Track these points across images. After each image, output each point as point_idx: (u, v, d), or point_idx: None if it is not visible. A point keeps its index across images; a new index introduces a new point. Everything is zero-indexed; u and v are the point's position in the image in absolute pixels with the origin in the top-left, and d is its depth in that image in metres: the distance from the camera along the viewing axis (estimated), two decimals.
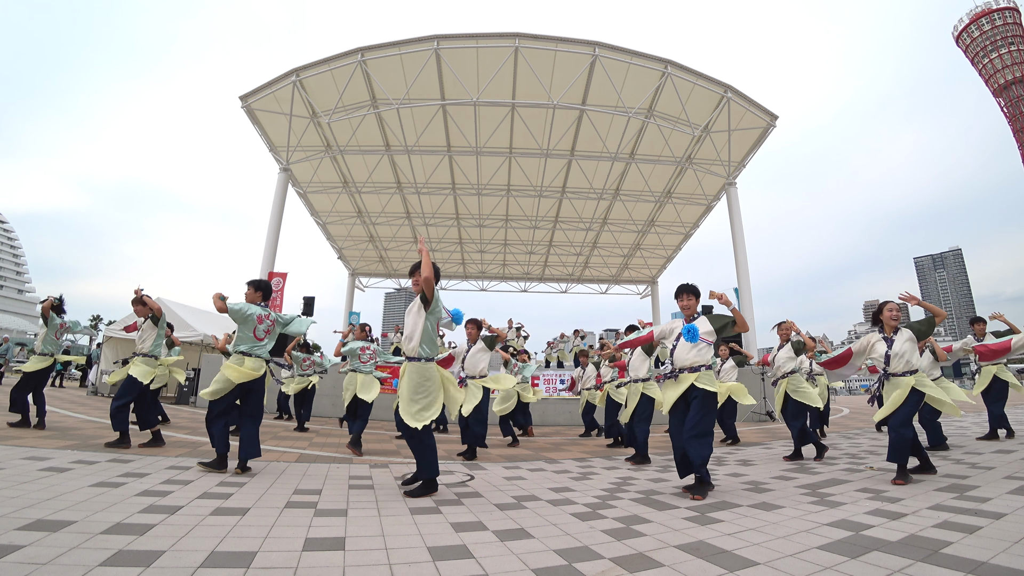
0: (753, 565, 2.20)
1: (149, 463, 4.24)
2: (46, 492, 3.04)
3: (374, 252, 22.22)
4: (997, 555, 2.26)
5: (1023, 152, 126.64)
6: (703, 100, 13.40)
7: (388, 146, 15.30)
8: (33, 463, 3.89)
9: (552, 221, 19.34)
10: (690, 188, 16.85)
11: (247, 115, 13.87)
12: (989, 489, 3.66)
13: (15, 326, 68.72)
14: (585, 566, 2.18)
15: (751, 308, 13.83)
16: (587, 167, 16.01)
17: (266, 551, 2.25)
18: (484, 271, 23.89)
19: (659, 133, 14.26)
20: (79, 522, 2.50)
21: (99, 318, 62.83)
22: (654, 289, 23.51)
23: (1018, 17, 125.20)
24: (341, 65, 12.50)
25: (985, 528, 2.69)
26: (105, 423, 6.99)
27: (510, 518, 2.99)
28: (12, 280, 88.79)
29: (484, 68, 12.46)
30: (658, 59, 12.52)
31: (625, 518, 3.03)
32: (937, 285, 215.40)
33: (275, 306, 13.01)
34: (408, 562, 2.18)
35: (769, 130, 13.96)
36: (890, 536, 2.59)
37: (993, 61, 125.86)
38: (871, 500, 3.44)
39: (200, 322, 14.63)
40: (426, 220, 19.31)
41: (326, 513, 2.95)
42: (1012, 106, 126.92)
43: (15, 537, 2.23)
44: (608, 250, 21.51)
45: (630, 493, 3.81)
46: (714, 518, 3.02)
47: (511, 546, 2.45)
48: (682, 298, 3.99)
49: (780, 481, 4.30)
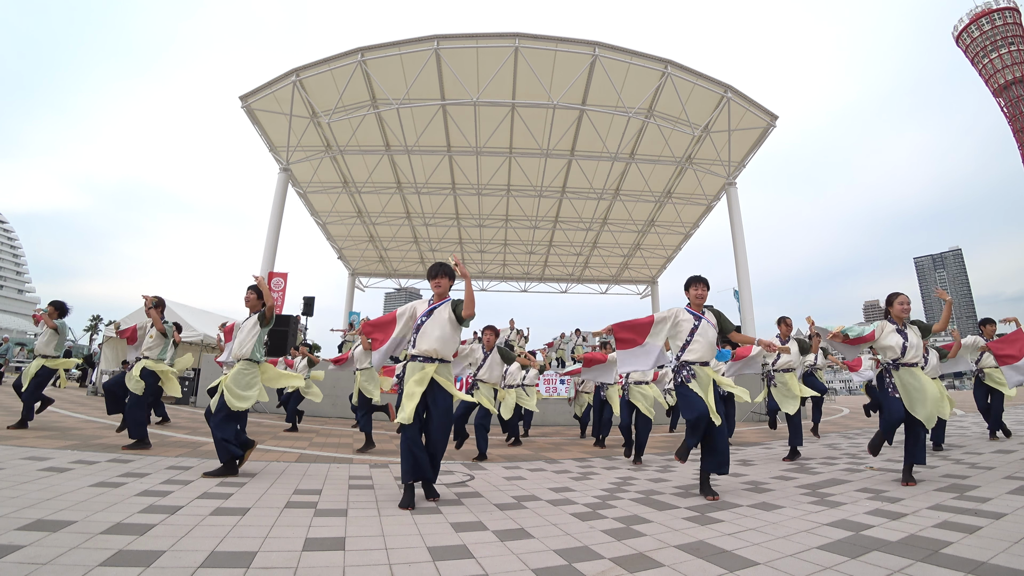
0: (753, 565, 2.20)
1: (149, 463, 4.24)
2: (46, 492, 3.04)
3: (374, 252, 22.22)
4: (997, 555, 2.26)
5: (1023, 152, 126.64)
6: (703, 100, 13.40)
7: (388, 146, 15.30)
8: (33, 463, 3.89)
9: (552, 221, 19.35)
10: (690, 188, 16.85)
11: (247, 115, 13.86)
12: (989, 489, 3.66)
13: (15, 326, 68.74)
14: (585, 566, 2.18)
15: (751, 308, 13.83)
16: (587, 167, 16.01)
17: (266, 551, 2.25)
18: (484, 271, 23.88)
19: (659, 133, 14.26)
20: (79, 522, 2.50)
21: (99, 318, 62.80)
22: (654, 289, 23.51)
23: (1018, 17, 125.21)
24: (341, 65, 12.50)
25: (985, 528, 2.69)
26: (105, 423, 7.00)
27: (510, 518, 2.99)
28: (12, 280, 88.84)
29: (484, 68, 12.46)
30: (658, 59, 12.52)
31: (625, 518, 3.03)
32: (937, 285, 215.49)
33: (277, 306, 13.01)
34: (408, 562, 2.18)
35: (769, 130, 13.96)
36: (890, 536, 2.59)
37: (993, 61, 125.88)
38: (871, 500, 3.44)
39: (200, 322, 14.64)
40: (426, 220, 19.31)
41: (326, 513, 2.95)
42: (1012, 106, 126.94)
43: (15, 537, 2.23)
44: (608, 250, 21.51)
45: (630, 493, 3.81)
46: (714, 518, 3.02)
47: (511, 546, 2.45)
48: (698, 287, 3.96)
49: (780, 481, 4.30)
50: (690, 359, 3.87)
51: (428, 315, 3.57)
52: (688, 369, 3.86)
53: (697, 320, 3.91)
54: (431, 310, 3.59)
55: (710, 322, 3.93)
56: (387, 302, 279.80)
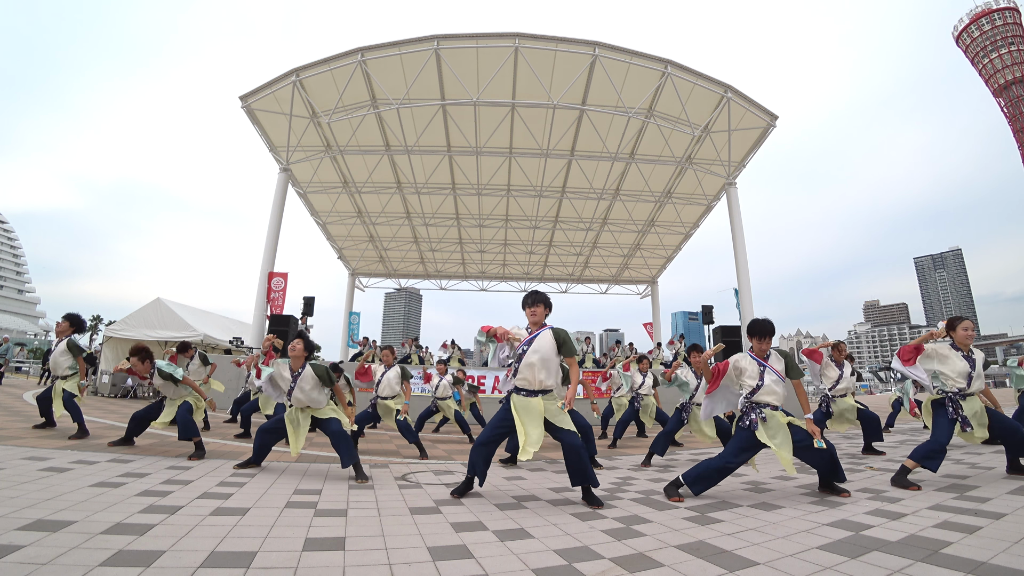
0: (753, 565, 2.20)
1: (149, 463, 4.24)
2: (46, 492, 3.04)
3: (374, 252, 22.21)
4: (997, 555, 2.26)
5: (1023, 152, 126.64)
6: (703, 100, 13.40)
7: (388, 146, 15.30)
8: (33, 463, 3.89)
9: (552, 221, 19.34)
10: (690, 188, 16.85)
11: (247, 115, 13.86)
12: (989, 489, 3.66)
13: (15, 326, 68.75)
14: (585, 566, 2.18)
15: (751, 308, 13.83)
16: (587, 167, 16.01)
17: (266, 551, 2.25)
18: (484, 271, 23.88)
19: (659, 133, 14.26)
20: (79, 522, 2.50)
21: (99, 318, 62.79)
22: (654, 289, 23.51)
23: (1018, 17, 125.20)
24: (341, 65, 12.50)
25: (985, 528, 2.69)
26: (105, 423, 7.00)
27: (510, 518, 2.99)
28: (12, 280, 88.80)
29: (484, 68, 12.46)
30: (658, 59, 12.52)
31: (625, 518, 3.02)
32: (937, 285, 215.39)
33: (277, 306, 13.01)
34: (408, 562, 2.18)
35: (769, 130, 13.95)
36: (890, 536, 2.59)
37: (993, 61, 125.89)
38: (871, 500, 3.43)
39: (200, 322, 14.65)
40: (426, 220, 19.31)
41: (326, 513, 2.95)
42: (1012, 106, 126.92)
43: (15, 537, 2.23)
44: (608, 250, 21.51)
45: (630, 493, 3.81)
46: (714, 518, 3.02)
47: (511, 546, 2.45)
48: (763, 342, 3.73)
49: (780, 481, 4.30)
50: (761, 401, 3.63)
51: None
52: (758, 411, 3.63)
53: (762, 367, 3.68)
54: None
55: (776, 371, 3.68)
56: (387, 302, 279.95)
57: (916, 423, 10.39)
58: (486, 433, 3.64)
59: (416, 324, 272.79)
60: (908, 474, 3.87)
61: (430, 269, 23.84)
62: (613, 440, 6.99)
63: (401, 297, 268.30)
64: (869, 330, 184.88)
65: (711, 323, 15.88)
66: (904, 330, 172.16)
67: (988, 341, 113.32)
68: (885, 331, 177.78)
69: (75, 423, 5.54)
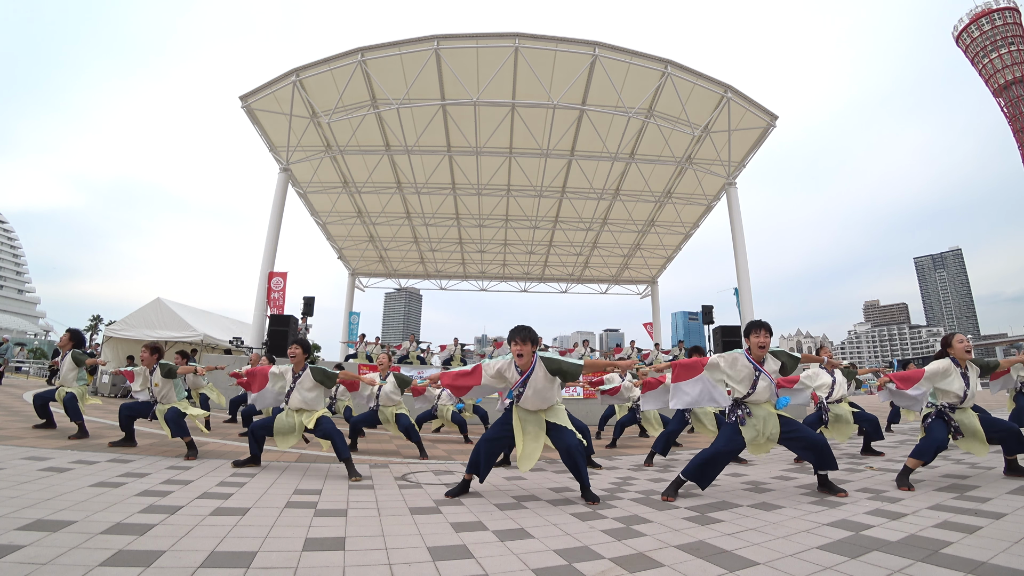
0: (753, 565, 2.20)
1: (149, 463, 4.24)
2: (46, 492, 3.04)
3: (374, 252, 22.22)
4: (997, 555, 2.26)
5: (1023, 152, 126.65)
6: (703, 100, 13.40)
7: (388, 146, 15.30)
8: (33, 463, 3.89)
9: (552, 221, 19.34)
10: (690, 188, 16.85)
11: (247, 115, 13.86)
12: (989, 489, 3.66)
13: (15, 326, 68.76)
14: (585, 566, 2.18)
15: (751, 308, 13.83)
16: (587, 167, 16.01)
17: (266, 551, 2.25)
18: (484, 271, 23.88)
19: (659, 133, 14.26)
20: (79, 522, 2.50)
21: (99, 318, 62.76)
22: (654, 289, 23.51)
23: (1018, 17, 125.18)
24: (341, 65, 12.50)
25: (985, 528, 2.69)
26: (105, 423, 7.00)
27: (510, 518, 2.99)
28: (12, 280, 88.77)
29: (484, 68, 12.46)
30: (658, 59, 12.52)
31: (625, 518, 3.02)
32: (937, 285, 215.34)
33: (277, 306, 13.01)
34: (408, 562, 2.18)
35: (769, 130, 13.95)
36: (890, 536, 2.59)
37: (993, 61, 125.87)
38: (871, 500, 3.43)
39: (200, 322, 14.66)
40: (426, 220, 19.31)
41: (326, 513, 2.95)
42: (1012, 106, 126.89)
43: (15, 537, 2.23)
44: (608, 250, 21.51)
45: (630, 493, 3.81)
46: (714, 518, 3.02)
47: (511, 546, 2.45)
48: (760, 335, 3.63)
49: (780, 481, 4.30)
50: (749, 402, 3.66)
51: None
52: (743, 408, 3.64)
53: (757, 372, 3.61)
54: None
55: (769, 374, 3.63)
56: (387, 302, 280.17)
57: (916, 423, 10.39)
58: (493, 430, 3.74)
59: (416, 324, 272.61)
60: (910, 474, 3.88)
61: (430, 269, 23.84)
62: (613, 440, 7.01)
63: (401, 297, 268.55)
64: (869, 330, 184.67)
65: (711, 323, 15.87)
66: (904, 330, 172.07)
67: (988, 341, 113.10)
68: (885, 331, 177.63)
69: (75, 423, 5.60)
